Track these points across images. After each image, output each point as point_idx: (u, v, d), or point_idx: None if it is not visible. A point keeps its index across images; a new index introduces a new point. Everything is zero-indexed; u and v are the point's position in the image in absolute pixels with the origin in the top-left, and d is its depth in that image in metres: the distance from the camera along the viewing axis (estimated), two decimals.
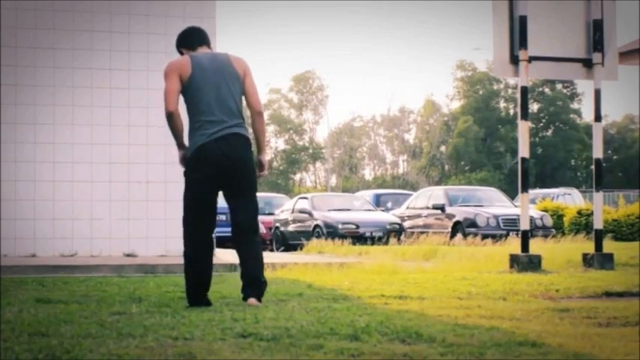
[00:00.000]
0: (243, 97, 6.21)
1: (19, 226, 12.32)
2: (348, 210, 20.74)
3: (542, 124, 66.55)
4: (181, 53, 6.29)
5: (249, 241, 6.10)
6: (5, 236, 12.19)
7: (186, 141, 6.12)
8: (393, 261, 11.83)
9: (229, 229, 6.14)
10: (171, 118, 6.05)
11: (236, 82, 6.12)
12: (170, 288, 7.36)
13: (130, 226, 12.67)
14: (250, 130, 6.29)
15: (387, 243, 18.27)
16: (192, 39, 6.29)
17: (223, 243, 12.87)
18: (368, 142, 71.91)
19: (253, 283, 6.02)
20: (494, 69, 11.17)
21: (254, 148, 6.27)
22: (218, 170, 5.98)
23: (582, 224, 20.91)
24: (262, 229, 20.66)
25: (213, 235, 6.17)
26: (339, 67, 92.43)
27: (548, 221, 20.05)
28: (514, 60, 10.32)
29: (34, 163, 12.48)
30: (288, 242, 20.39)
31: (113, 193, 12.69)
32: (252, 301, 5.92)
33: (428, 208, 21.14)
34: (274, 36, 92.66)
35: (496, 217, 19.27)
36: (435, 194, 21.69)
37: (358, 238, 18.69)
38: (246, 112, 6.37)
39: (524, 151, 10.30)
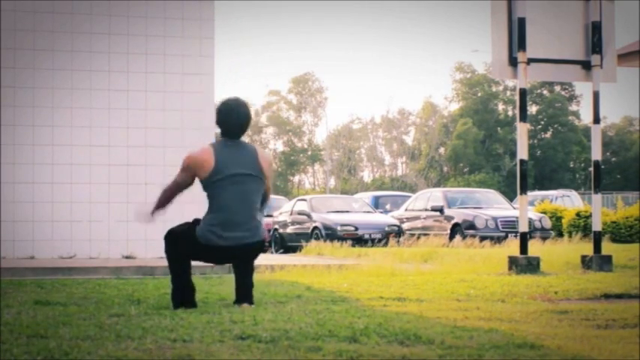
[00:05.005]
0: None
1: (17, 228, 12.31)
2: (347, 212, 20.74)
3: (540, 126, 66.55)
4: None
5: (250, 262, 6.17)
6: (4, 238, 12.17)
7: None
8: (391, 263, 11.82)
9: None
10: (161, 205, 6.12)
11: (261, 183, 6.02)
12: (169, 290, 7.32)
13: (129, 228, 12.65)
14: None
15: (385, 245, 18.24)
16: (228, 130, 6.02)
17: None
18: (367, 144, 71.90)
19: (249, 293, 6.10)
20: (492, 71, 11.16)
21: None
22: (224, 257, 6.10)
23: (581, 226, 20.90)
24: None
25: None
26: (338, 69, 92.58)
27: (547, 223, 20.02)
28: (513, 62, 10.33)
29: (33, 165, 12.47)
30: (286, 244, 20.37)
31: (112, 195, 12.68)
32: (246, 305, 6.00)
33: (427, 210, 21.12)
34: (273, 37, 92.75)
35: (495, 219, 19.24)
36: (433, 196, 21.68)
37: (357, 240, 18.68)
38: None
39: (522, 152, 10.30)
